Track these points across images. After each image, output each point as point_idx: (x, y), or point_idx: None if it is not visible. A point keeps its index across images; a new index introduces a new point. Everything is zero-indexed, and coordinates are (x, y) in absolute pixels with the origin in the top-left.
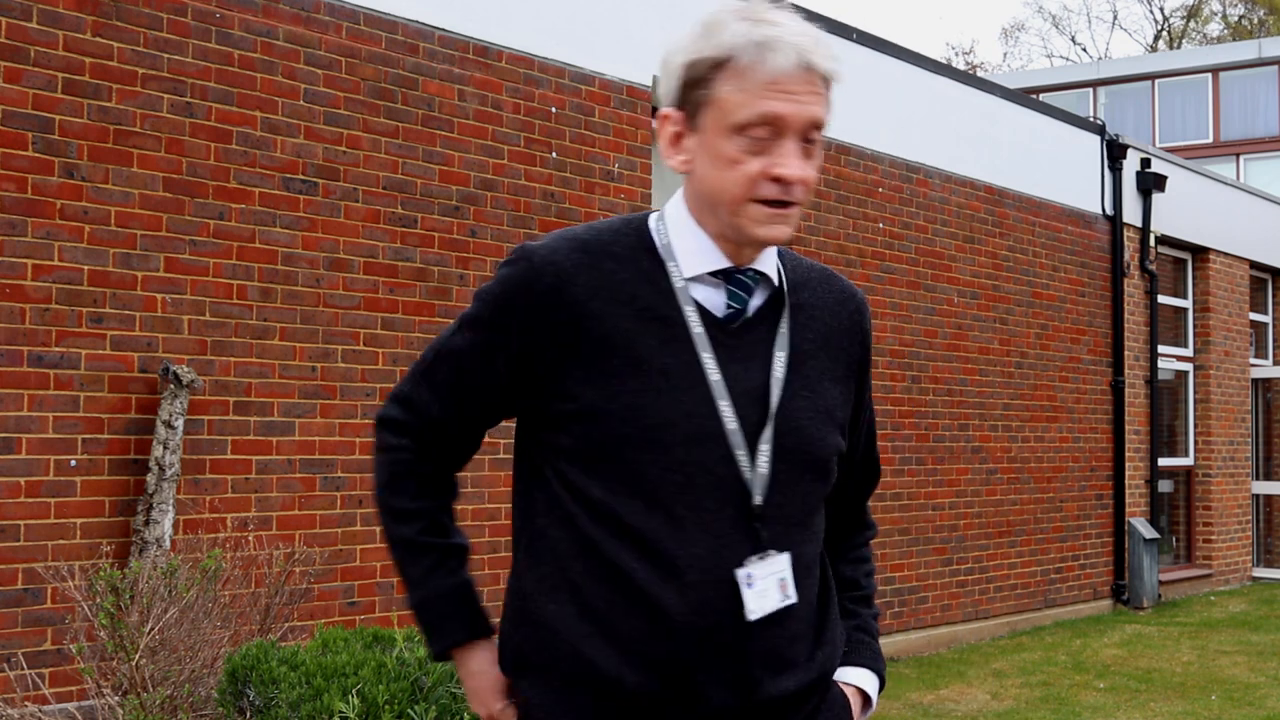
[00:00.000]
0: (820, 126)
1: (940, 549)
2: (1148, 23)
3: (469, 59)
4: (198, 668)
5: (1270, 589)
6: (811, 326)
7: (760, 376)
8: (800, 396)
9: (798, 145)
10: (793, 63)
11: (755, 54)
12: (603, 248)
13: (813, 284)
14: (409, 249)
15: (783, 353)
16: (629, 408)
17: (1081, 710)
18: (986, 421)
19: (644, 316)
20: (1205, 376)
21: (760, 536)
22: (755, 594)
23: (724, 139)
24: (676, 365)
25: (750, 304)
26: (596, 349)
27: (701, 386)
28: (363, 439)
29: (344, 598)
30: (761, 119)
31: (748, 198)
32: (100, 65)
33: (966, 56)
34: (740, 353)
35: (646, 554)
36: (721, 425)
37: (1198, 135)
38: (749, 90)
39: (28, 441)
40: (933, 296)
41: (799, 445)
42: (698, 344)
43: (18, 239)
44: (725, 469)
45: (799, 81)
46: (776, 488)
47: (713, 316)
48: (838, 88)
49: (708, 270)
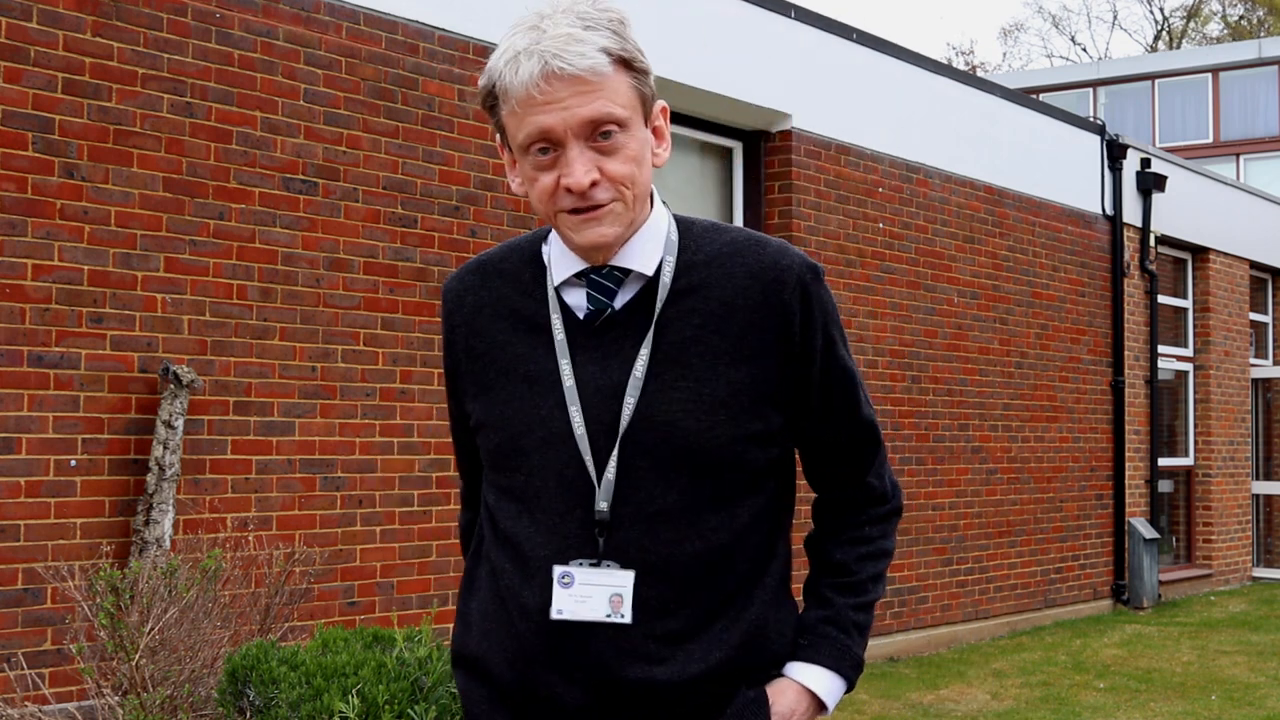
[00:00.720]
0: (604, 122)
1: (940, 549)
2: (1148, 23)
3: (469, 59)
4: (198, 668)
5: (1270, 589)
6: (700, 310)
7: (618, 375)
8: (676, 388)
9: (582, 148)
10: (537, 73)
11: (509, 73)
12: (494, 266)
13: (719, 262)
14: (409, 249)
15: (647, 348)
16: (500, 417)
17: (1081, 710)
18: (986, 421)
19: (519, 327)
20: (1205, 376)
21: (598, 544)
22: (570, 595)
23: (521, 159)
24: (539, 371)
25: (618, 299)
26: (480, 363)
27: (557, 391)
28: (362, 439)
29: (344, 598)
30: (531, 137)
31: (554, 210)
32: (100, 65)
33: (966, 56)
34: (599, 353)
35: (513, 555)
36: (570, 429)
37: (1198, 135)
38: (516, 111)
39: (28, 441)
40: (933, 296)
41: (666, 440)
42: (558, 350)
43: (18, 239)
44: (574, 472)
45: (556, 88)
46: (633, 488)
47: (576, 318)
48: (838, 87)
49: (571, 274)
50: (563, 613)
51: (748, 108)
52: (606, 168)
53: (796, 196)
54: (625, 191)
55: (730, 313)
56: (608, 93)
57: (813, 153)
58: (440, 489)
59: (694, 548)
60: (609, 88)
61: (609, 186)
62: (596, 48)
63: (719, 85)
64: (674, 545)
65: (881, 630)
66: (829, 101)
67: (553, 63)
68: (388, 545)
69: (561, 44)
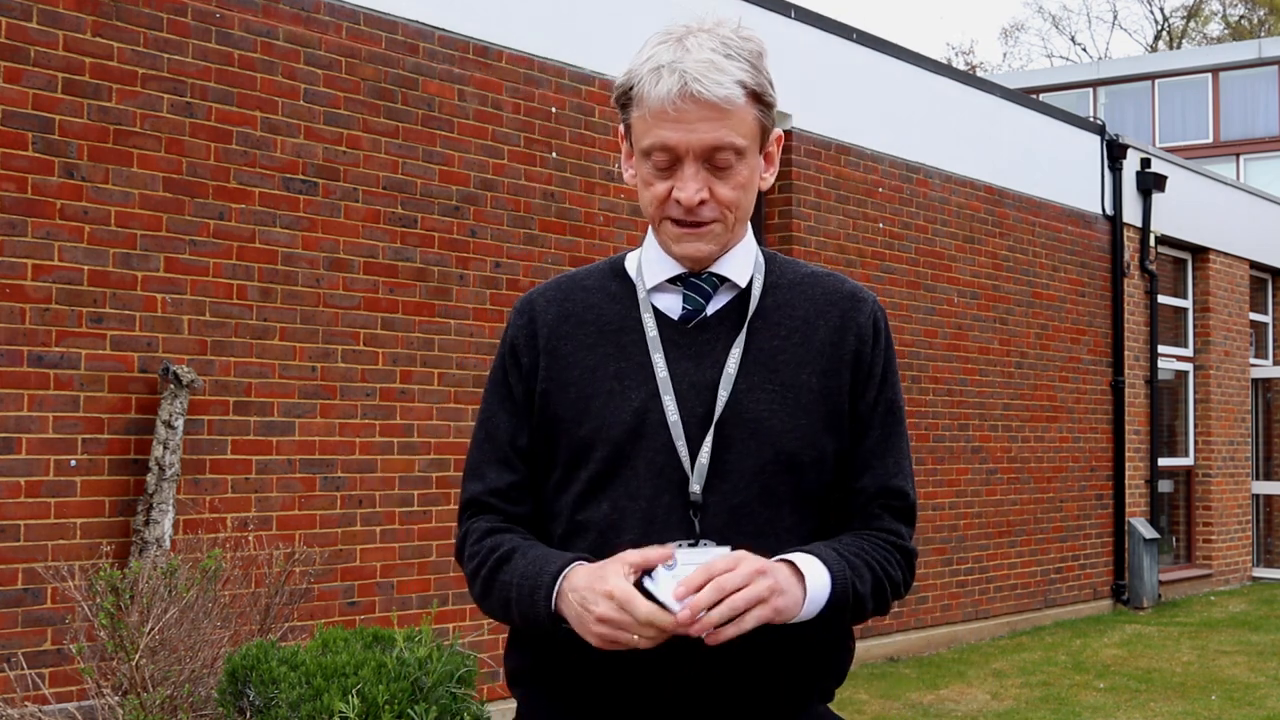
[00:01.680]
0: (723, 150)
1: (940, 549)
2: (1148, 23)
3: (469, 59)
4: (198, 668)
5: (1270, 589)
6: (785, 324)
7: (712, 372)
8: (763, 390)
9: (698, 169)
10: (675, 91)
11: (648, 82)
12: (577, 281)
13: (800, 285)
14: (409, 249)
15: (738, 349)
16: (585, 411)
17: (1081, 710)
18: (986, 421)
19: (606, 330)
20: (1205, 376)
21: (694, 524)
22: (674, 577)
23: (640, 161)
24: (630, 367)
25: (710, 306)
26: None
27: (650, 384)
28: (362, 439)
29: (344, 598)
30: (654, 146)
31: (661, 216)
32: (100, 65)
33: (966, 56)
34: (693, 350)
35: (596, 544)
36: (664, 417)
37: (1198, 135)
38: (646, 118)
39: (28, 441)
40: (933, 296)
41: (754, 435)
42: (650, 346)
43: (18, 239)
44: (664, 459)
45: (686, 109)
46: (722, 478)
47: (669, 319)
48: (838, 87)
49: (665, 278)
50: None
51: None
52: (716, 190)
53: (796, 196)
54: (728, 215)
55: (812, 329)
56: (733, 122)
57: (813, 153)
58: (440, 489)
59: (769, 544)
60: (736, 118)
61: (715, 207)
62: (734, 79)
63: None
64: (754, 538)
65: (881, 630)
66: (829, 101)
67: (692, 85)
68: (388, 545)
69: (703, 69)
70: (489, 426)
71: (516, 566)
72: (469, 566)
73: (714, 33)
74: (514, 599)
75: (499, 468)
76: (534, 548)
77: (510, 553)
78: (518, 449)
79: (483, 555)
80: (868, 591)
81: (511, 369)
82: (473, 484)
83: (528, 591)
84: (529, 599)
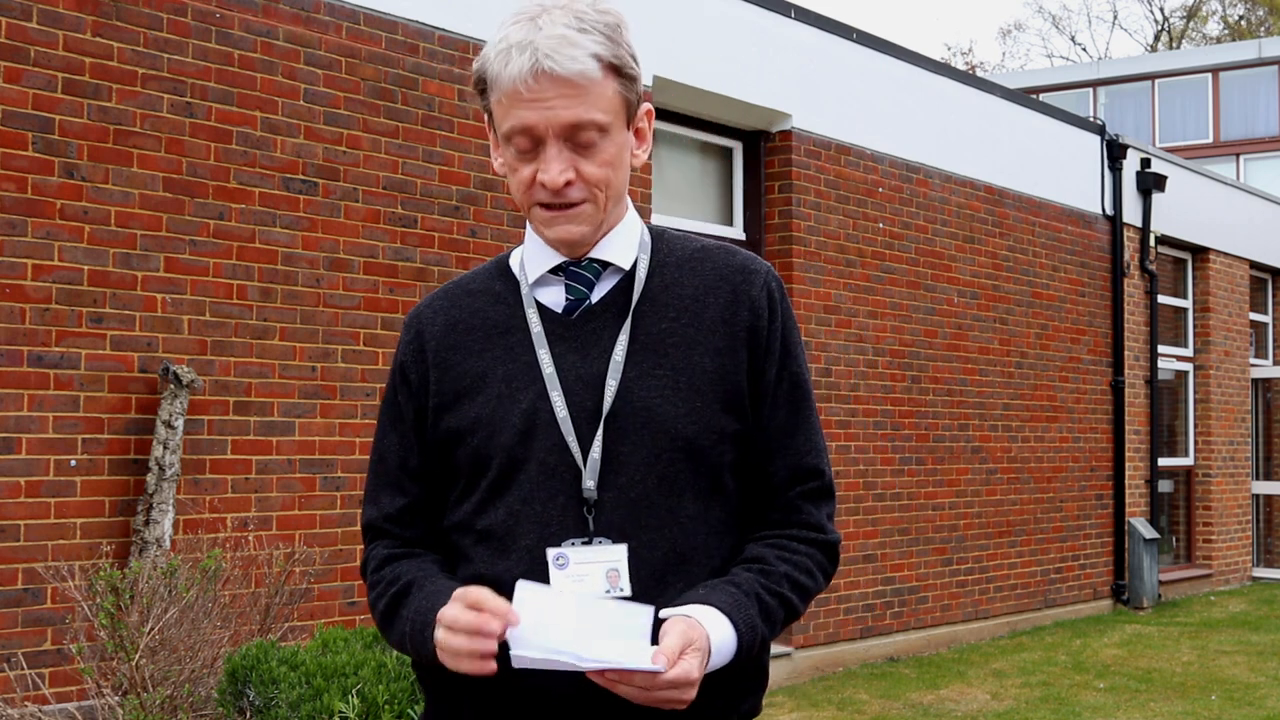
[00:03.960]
0: (585, 127)
1: (940, 549)
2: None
3: (469, 59)
4: (198, 668)
5: (1270, 589)
6: (673, 305)
7: (600, 362)
8: (653, 376)
9: (560, 148)
10: (527, 70)
11: (499, 64)
12: (461, 287)
13: (689, 262)
14: (409, 249)
15: (625, 335)
16: (477, 419)
17: (1081, 710)
18: (986, 421)
19: (493, 333)
20: (1205, 376)
21: (588, 523)
22: (567, 576)
23: (504, 147)
24: (518, 368)
25: (594, 293)
26: (452, 375)
27: (537, 383)
28: (362, 439)
29: (344, 598)
30: (514, 130)
31: (530, 202)
32: (100, 65)
33: (965, 56)
34: (579, 342)
35: (496, 550)
36: (553, 415)
37: (1198, 135)
38: (502, 101)
39: (28, 441)
40: (933, 296)
41: (647, 424)
42: (536, 342)
43: (18, 239)
44: (556, 458)
45: (543, 87)
46: (616, 471)
47: (553, 313)
48: (838, 87)
49: (546, 269)
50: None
51: (748, 107)
52: (582, 169)
53: (796, 196)
54: (598, 194)
55: (703, 307)
56: (592, 98)
57: (813, 153)
58: None
59: (672, 535)
60: (594, 92)
61: (583, 187)
62: (588, 53)
63: (719, 85)
64: (655, 530)
65: (881, 630)
66: (829, 101)
67: (544, 62)
68: None
69: (555, 44)
70: (380, 449)
71: (411, 603)
72: (370, 596)
73: (568, 8)
74: (408, 636)
75: (390, 491)
76: (427, 582)
77: (406, 587)
78: (409, 470)
79: (381, 588)
80: (780, 620)
81: (401, 388)
82: (368, 509)
83: (419, 629)
84: (420, 638)
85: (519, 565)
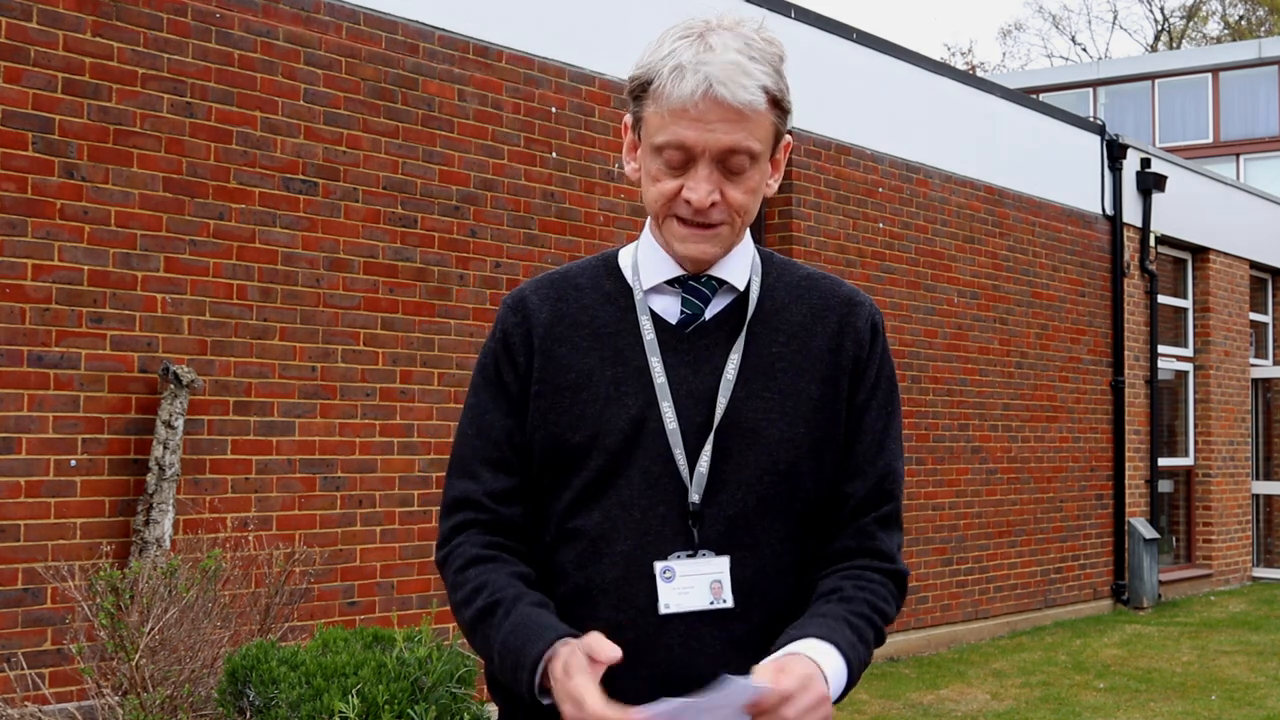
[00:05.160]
0: (740, 153)
1: (940, 549)
2: (1148, 23)
3: (469, 59)
4: (198, 668)
5: (1270, 589)
6: (783, 329)
7: (710, 379)
8: (760, 397)
9: (711, 170)
10: (699, 92)
11: (669, 79)
12: (569, 280)
13: (797, 289)
14: (409, 249)
15: (737, 354)
16: (580, 417)
17: (1081, 710)
18: (986, 421)
19: (601, 333)
20: (1205, 376)
21: (693, 534)
22: (673, 589)
23: (649, 156)
24: (627, 373)
25: (708, 310)
26: (558, 368)
27: (648, 390)
28: (362, 439)
29: (344, 598)
30: (668, 144)
31: (667, 214)
32: (100, 65)
33: (965, 56)
34: (691, 356)
35: (590, 553)
36: (662, 425)
37: (1198, 135)
38: (663, 114)
39: (28, 441)
40: (933, 296)
41: (752, 445)
42: (648, 351)
43: (18, 239)
44: (661, 468)
45: (708, 110)
46: (719, 488)
47: (666, 323)
48: (838, 87)
49: (663, 280)
50: (669, 606)
51: None
52: (728, 192)
53: (796, 196)
54: (736, 219)
55: (810, 335)
56: (752, 126)
57: (813, 153)
58: (440, 489)
59: (762, 555)
60: (755, 122)
61: (725, 210)
62: (758, 84)
63: None
64: (748, 549)
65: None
66: (829, 101)
67: (717, 88)
68: (388, 545)
69: (729, 73)
70: (481, 423)
71: (502, 630)
72: (452, 594)
73: (736, 32)
74: (497, 661)
75: (493, 468)
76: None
77: (493, 606)
78: (515, 447)
79: (466, 592)
80: (871, 642)
81: (505, 365)
82: (464, 481)
83: (510, 666)
84: (512, 673)
85: (612, 570)
